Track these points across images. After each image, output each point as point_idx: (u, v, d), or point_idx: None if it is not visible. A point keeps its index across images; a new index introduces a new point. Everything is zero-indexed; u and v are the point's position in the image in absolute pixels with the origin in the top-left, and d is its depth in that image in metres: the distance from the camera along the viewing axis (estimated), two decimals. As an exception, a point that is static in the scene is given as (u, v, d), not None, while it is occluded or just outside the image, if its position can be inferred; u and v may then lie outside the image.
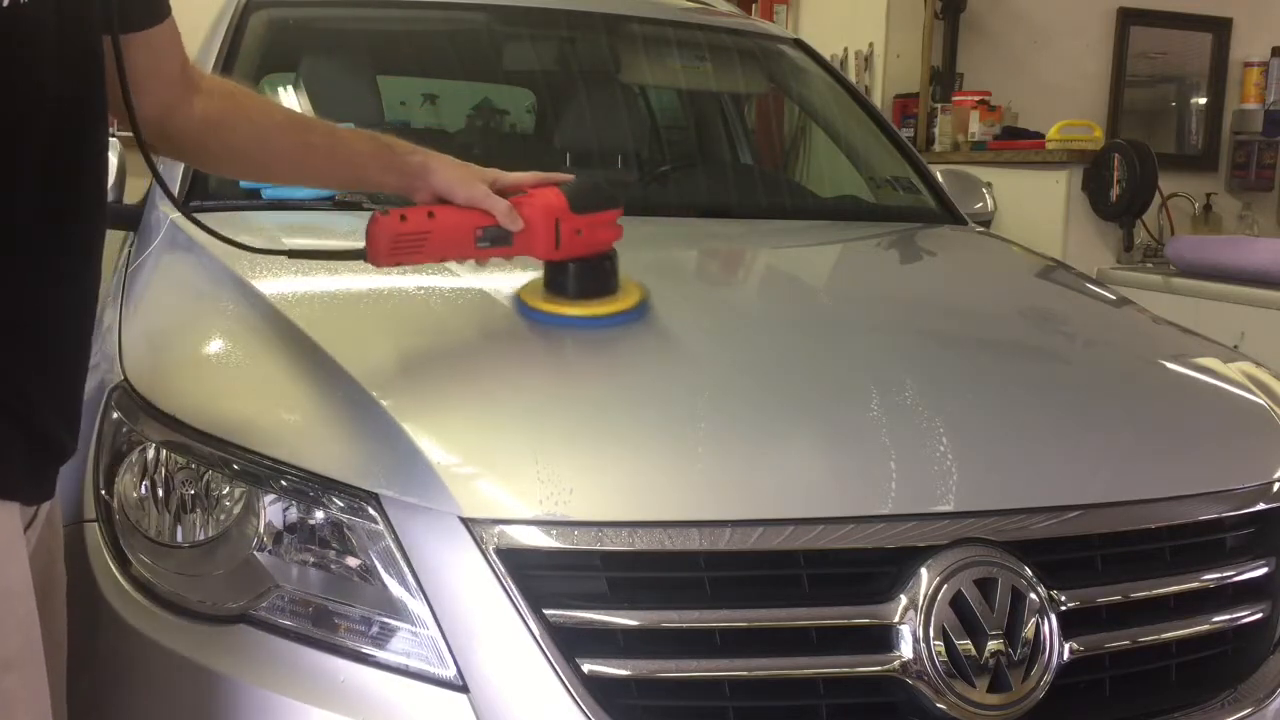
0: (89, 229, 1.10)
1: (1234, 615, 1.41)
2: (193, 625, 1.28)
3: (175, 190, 1.94)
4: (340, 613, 1.25)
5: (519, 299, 1.56)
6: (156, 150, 1.39)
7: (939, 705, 1.22)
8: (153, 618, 1.29)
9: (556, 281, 1.54)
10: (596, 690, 1.18)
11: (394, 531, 1.24)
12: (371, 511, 1.25)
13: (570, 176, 1.54)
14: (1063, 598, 1.29)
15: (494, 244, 1.46)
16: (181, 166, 2.06)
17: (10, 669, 1.01)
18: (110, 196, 2.03)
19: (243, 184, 2.01)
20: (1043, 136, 4.75)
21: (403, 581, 1.23)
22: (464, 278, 1.69)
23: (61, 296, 1.07)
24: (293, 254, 1.58)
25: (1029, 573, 1.28)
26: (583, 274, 1.53)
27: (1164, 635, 1.35)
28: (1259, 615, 1.42)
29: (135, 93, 1.20)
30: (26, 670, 1.04)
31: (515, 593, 1.19)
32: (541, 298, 1.54)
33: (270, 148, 1.44)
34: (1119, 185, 4.36)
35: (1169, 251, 4.30)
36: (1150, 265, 4.53)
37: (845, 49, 5.63)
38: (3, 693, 1.00)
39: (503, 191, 1.48)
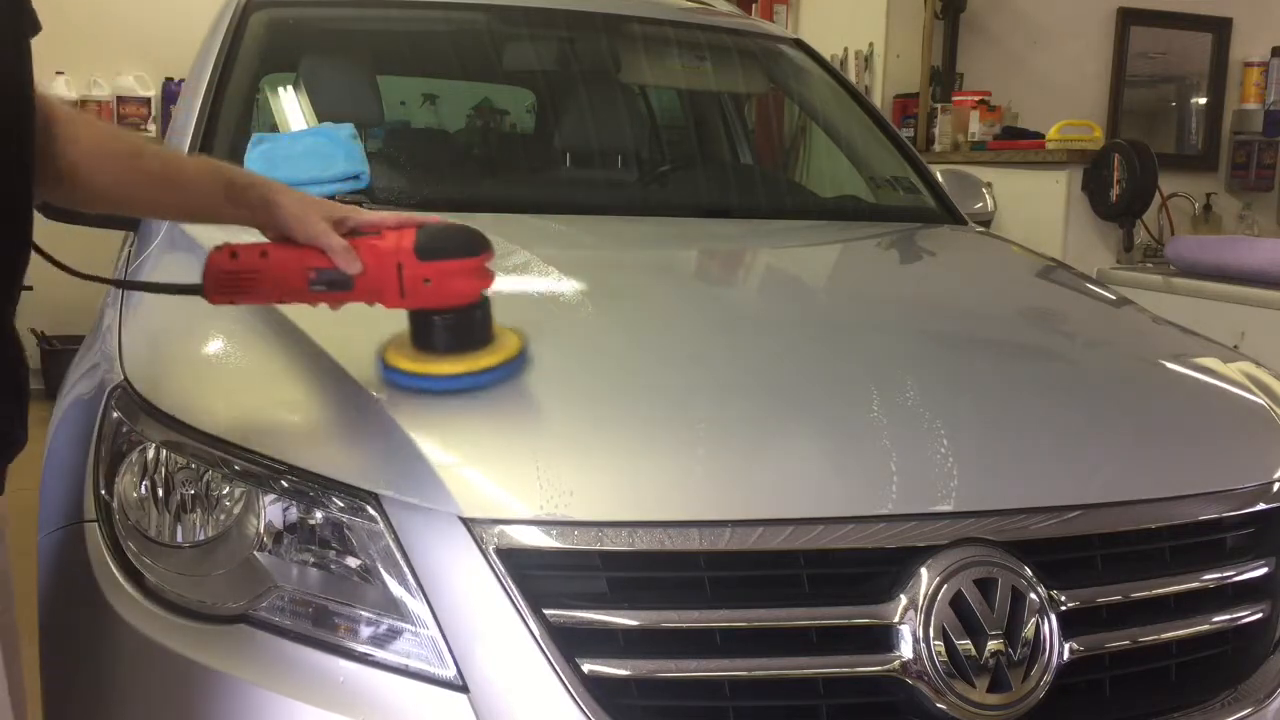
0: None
1: (1234, 615, 1.41)
2: (193, 625, 1.28)
3: None
4: (340, 613, 1.25)
5: (381, 356, 1.38)
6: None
7: (939, 705, 1.22)
8: (153, 618, 1.29)
9: (416, 335, 1.37)
10: (596, 690, 1.18)
11: (394, 531, 1.24)
12: (371, 511, 1.25)
13: (437, 219, 1.38)
14: (1063, 598, 1.29)
15: (330, 288, 1.32)
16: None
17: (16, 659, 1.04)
18: None
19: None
20: (1043, 136, 4.75)
21: (403, 581, 1.23)
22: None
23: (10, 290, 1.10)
24: (126, 285, 1.51)
25: (1029, 573, 1.28)
26: (441, 328, 1.36)
27: (1164, 635, 1.36)
28: (1259, 615, 1.42)
29: None
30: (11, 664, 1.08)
31: (515, 593, 1.19)
32: (404, 354, 1.37)
33: (105, 171, 1.29)
34: (1119, 185, 4.35)
35: (1169, 251, 4.30)
36: (1150, 265, 4.53)
37: (845, 49, 5.63)
38: None
39: (355, 231, 1.34)
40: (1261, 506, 1.46)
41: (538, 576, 1.21)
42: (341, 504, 1.26)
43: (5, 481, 1.11)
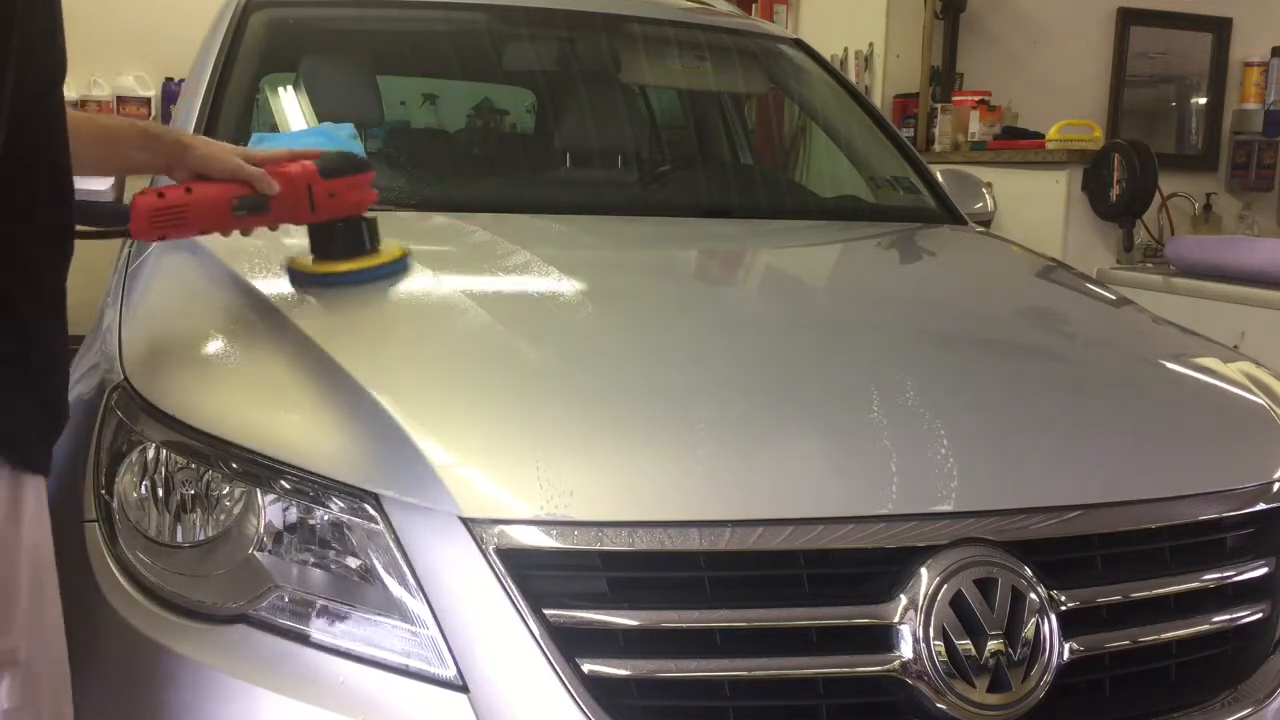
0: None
1: (1234, 615, 1.41)
2: (193, 625, 1.28)
3: None
4: (340, 613, 1.25)
5: (288, 265, 1.65)
6: None
7: (939, 705, 1.22)
8: (153, 618, 1.29)
9: (320, 244, 1.65)
10: (596, 690, 1.18)
11: (394, 531, 1.24)
12: (371, 511, 1.25)
13: (307, 151, 1.63)
14: (1063, 598, 1.29)
15: (251, 212, 1.54)
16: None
17: (35, 627, 1.11)
18: (109, 196, 2.03)
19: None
20: (1043, 136, 4.75)
21: (403, 581, 1.23)
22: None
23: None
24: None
25: (1029, 573, 1.28)
26: (344, 233, 1.64)
27: (1164, 635, 1.35)
28: (1259, 615, 1.42)
29: None
30: (55, 633, 1.15)
31: (515, 593, 1.19)
32: (310, 262, 1.65)
33: None
34: (1119, 185, 4.35)
35: (1169, 251, 4.30)
36: (1150, 265, 4.53)
37: (845, 49, 5.62)
38: (30, 646, 1.10)
39: (258, 164, 1.55)
40: (1261, 506, 1.46)
41: (538, 576, 1.21)
42: (341, 504, 1.26)
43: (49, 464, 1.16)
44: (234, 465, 1.31)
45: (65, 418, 1.18)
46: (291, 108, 2.40)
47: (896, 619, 1.24)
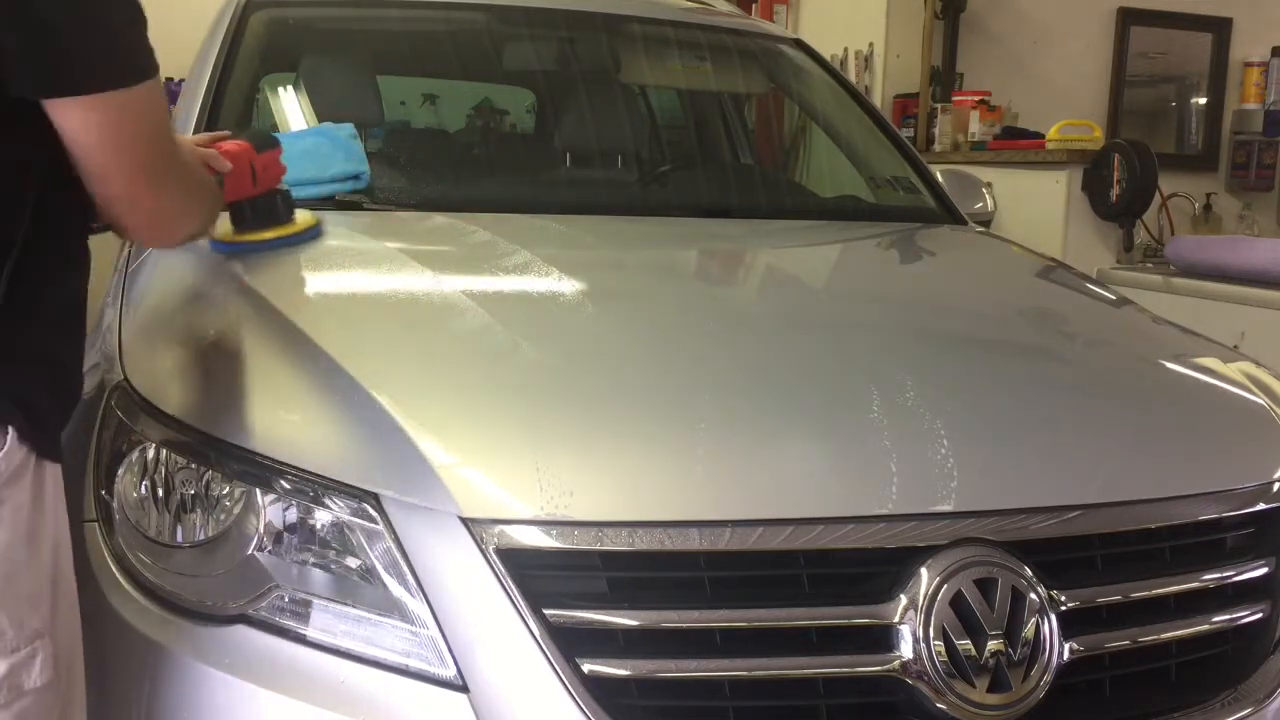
0: None
1: (1234, 615, 1.41)
2: (193, 625, 1.28)
3: None
4: (340, 613, 1.25)
5: (212, 240, 1.74)
6: None
7: (939, 705, 1.22)
8: (153, 618, 1.29)
9: (239, 218, 1.75)
10: (596, 690, 1.18)
11: (394, 532, 1.24)
12: (371, 512, 1.25)
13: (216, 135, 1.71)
14: (1063, 598, 1.29)
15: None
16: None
17: (58, 612, 1.16)
18: None
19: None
20: (1043, 136, 4.75)
21: (403, 581, 1.23)
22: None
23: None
24: None
25: (1029, 573, 1.28)
26: (266, 204, 1.76)
27: (1164, 635, 1.35)
28: (1259, 615, 1.42)
29: None
30: (73, 618, 1.20)
31: (515, 593, 1.19)
32: (231, 232, 1.75)
33: None
34: (1119, 185, 4.35)
35: (1169, 251, 4.30)
36: (1150, 265, 4.53)
37: (845, 49, 5.62)
38: (55, 630, 1.15)
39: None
40: (1261, 506, 1.46)
41: (538, 576, 1.21)
42: (341, 504, 1.26)
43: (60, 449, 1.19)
44: (234, 465, 1.31)
45: (75, 405, 1.22)
46: (291, 108, 2.40)
47: (896, 619, 1.24)
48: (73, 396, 1.22)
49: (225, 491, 1.31)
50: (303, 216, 1.83)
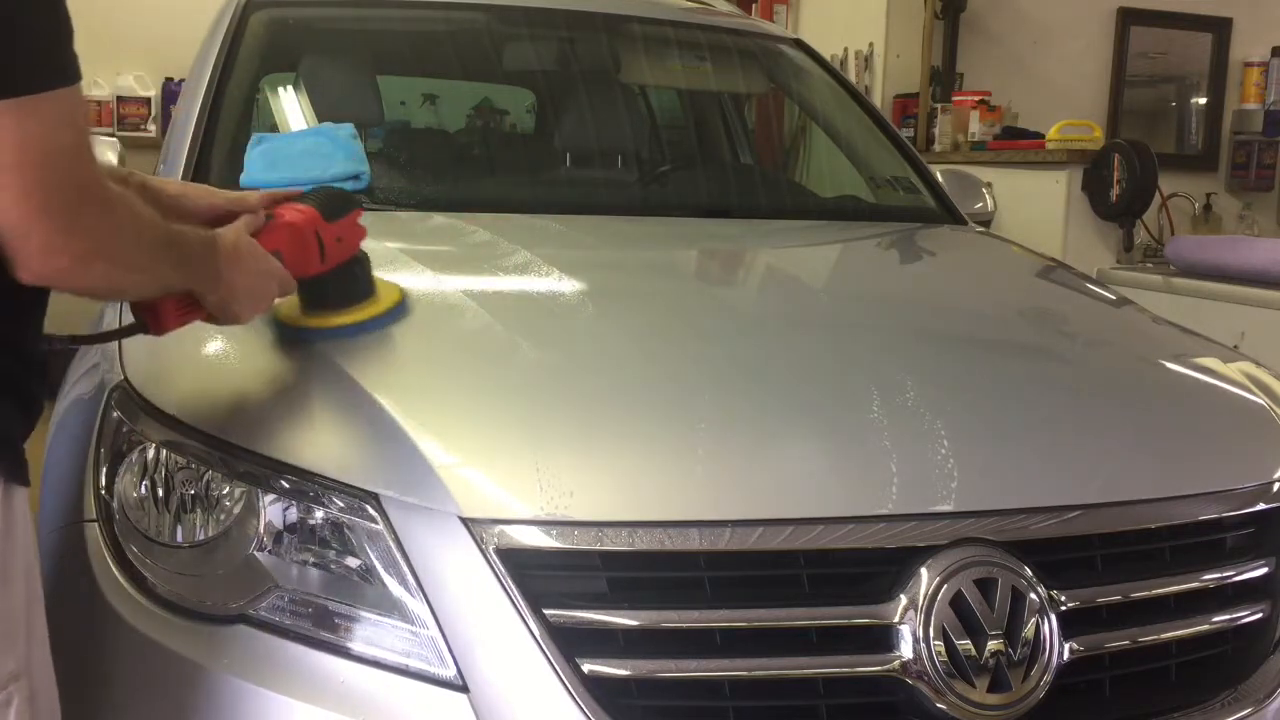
0: None
1: (1234, 615, 1.41)
2: (193, 625, 1.28)
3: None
4: (340, 613, 1.25)
5: (280, 322, 1.48)
6: None
7: (939, 705, 1.22)
8: (153, 618, 1.29)
9: (314, 295, 1.47)
10: (596, 690, 1.18)
11: (394, 531, 1.24)
12: (371, 511, 1.25)
13: (287, 192, 1.48)
14: (1063, 598, 1.29)
15: None
16: (181, 167, 2.06)
17: (33, 644, 1.09)
18: None
19: (242, 182, 2.01)
20: (1043, 136, 4.75)
21: (403, 581, 1.23)
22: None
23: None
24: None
25: (1029, 573, 1.28)
26: (341, 280, 1.48)
27: (1164, 635, 1.36)
28: (1259, 615, 1.42)
29: None
30: (45, 647, 1.12)
31: (515, 593, 1.19)
32: (301, 313, 1.48)
33: None
34: (1119, 185, 4.35)
35: (1169, 251, 4.30)
36: (1150, 265, 4.53)
37: (845, 49, 5.63)
38: (30, 667, 1.08)
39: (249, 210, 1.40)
40: (1261, 506, 1.46)
41: (538, 576, 1.21)
42: (341, 504, 1.26)
43: (28, 472, 1.12)
44: (234, 465, 1.31)
45: (35, 423, 1.13)
46: (291, 108, 2.40)
47: (896, 619, 1.24)
48: (35, 413, 1.12)
49: (225, 491, 1.31)
50: (385, 290, 1.54)
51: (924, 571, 1.25)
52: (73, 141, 1.00)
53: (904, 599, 1.24)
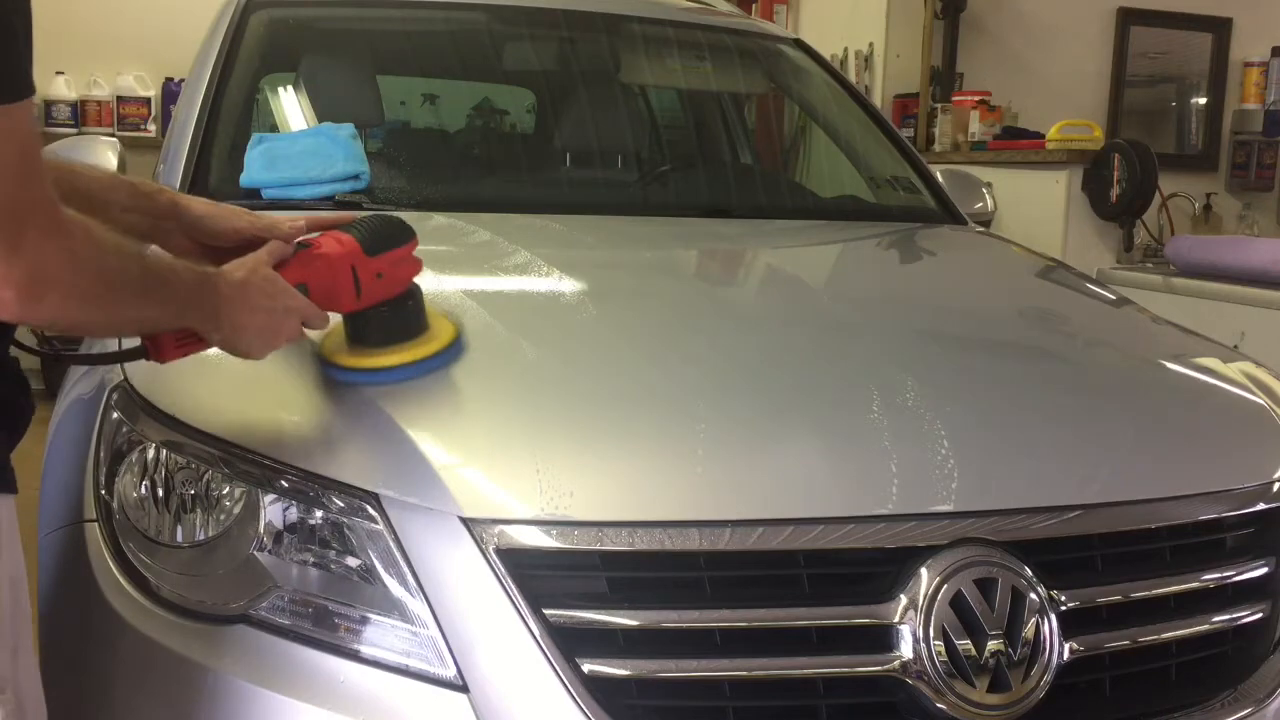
0: None
1: (1234, 615, 1.41)
2: (193, 625, 1.28)
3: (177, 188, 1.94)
4: (340, 613, 1.25)
5: (322, 356, 1.39)
6: None
7: (939, 705, 1.22)
8: (153, 618, 1.29)
9: (358, 331, 1.37)
10: (596, 690, 1.18)
11: (394, 531, 1.24)
12: (371, 511, 1.25)
13: (336, 217, 1.40)
14: (1063, 598, 1.29)
15: None
16: (181, 167, 2.06)
17: (19, 654, 1.06)
18: None
19: (242, 182, 2.01)
20: (1043, 136, 4.75)
21: (403, 581, 1.23)
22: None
23: None
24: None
25: (1029, 573, 1.28)
26: (387, 319, 1.36)
27: (1164, 635, 1.36)
28: (1259, 615, 1.42)
29: None
30: (31, 656, 1.10)
31: (515, 593, 1.19)
32: (346, 351, 1.37)
33: None
34: (1119, 185, 4.36)
35: (1169, 251, 4.30)
36: (1150, 265, 4.53)
37: (845, 49, 5.63)
38: (16, 677, 1.05)
39: (282, 237, 1.33)
40: (1261, 506, 1.46)
41: (538, 576, 1.21)
42: (341, 504, 1.26)
43: (15, 479, 1.10)
44: (234, 465, 1.31)
45: (22, 434, 1.10)
46: (291, 108, 2.40)
47: (896, 619, 1.24)
48: (21, 425, 1.10)
49: (225, 491, 1.31)
50: (439, 326, 1.41)
51: (924, 571, 1.25)
52: (14, 159, 0.91)
53: (904, 599, 1.24)
